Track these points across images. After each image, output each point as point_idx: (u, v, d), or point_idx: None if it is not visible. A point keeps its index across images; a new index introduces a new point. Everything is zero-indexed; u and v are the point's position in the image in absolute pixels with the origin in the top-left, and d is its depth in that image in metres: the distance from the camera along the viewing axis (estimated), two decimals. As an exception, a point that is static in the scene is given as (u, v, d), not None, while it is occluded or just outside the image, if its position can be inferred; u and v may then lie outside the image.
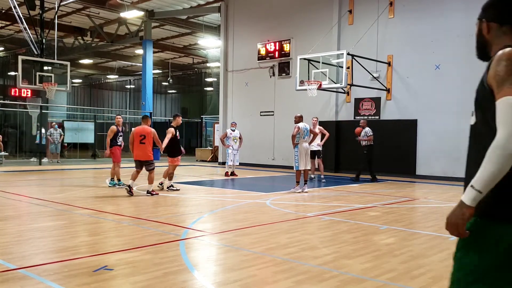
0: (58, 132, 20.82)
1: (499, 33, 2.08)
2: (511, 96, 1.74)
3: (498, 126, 1.74)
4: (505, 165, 1.71)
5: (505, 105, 1.74)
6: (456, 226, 1.84)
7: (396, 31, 15.58)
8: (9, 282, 3.84)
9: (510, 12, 2.04)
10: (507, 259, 1.78)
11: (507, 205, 1.78)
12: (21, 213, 7.55)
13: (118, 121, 11.41)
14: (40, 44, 19.44)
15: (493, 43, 2.12)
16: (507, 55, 1.86)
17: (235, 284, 3.89)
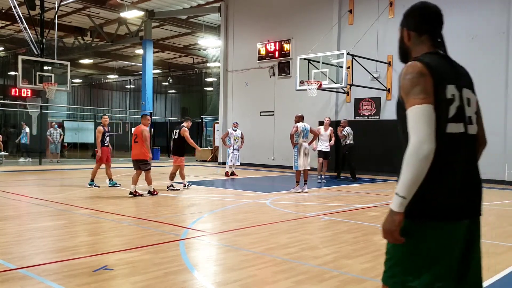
0: (58, 132, 20.82)
1: (418, 42, 2.19)
2: (417, 105, 1.88)
3: (409, 134, 1.91)
4: (420, 169, 1.86)
5: (413, 114, 1.89)
6: (390, 232, 1.92)
7: (396, 31, 15.45)
8: (9, 282, 3.84)
9: (427, 23, 2.18)
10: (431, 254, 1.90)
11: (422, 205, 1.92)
12: (21, 213, 7.55)
13: (104, 121, 11.30)
14: (40, 44, 19.45)
15: (412, 50, 2.21)
16: (410, 68, 1.99)
17: (235, 284, 3.89)
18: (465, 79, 2.19)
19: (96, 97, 43.80)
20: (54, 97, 18.03)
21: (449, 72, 2.06)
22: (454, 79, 2.06)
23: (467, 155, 2.01)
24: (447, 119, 1.95)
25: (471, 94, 2.17)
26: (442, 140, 1.91)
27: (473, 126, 2.09)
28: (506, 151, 13.24)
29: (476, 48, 13.85)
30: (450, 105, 1.97)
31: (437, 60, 2.07)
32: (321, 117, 17.43)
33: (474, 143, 2.08)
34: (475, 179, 2.04)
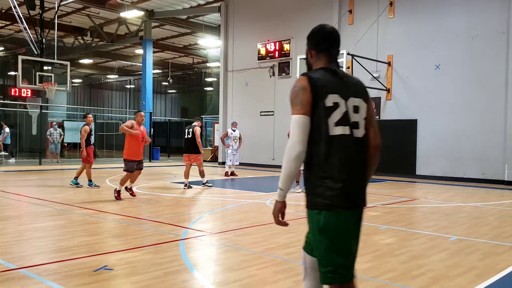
0: (58, 132, 20.81)
1: (317, 59, 2.61)
2: (294, 115, 2.31)
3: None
4: (291, 167, 2.31)
5: (292, 121, 2.32)
6: (274, 217, 2.50)
7: (396, 31, 15.58)
8: (9, 282, 3.84)
9: (323, 43, 2.60)
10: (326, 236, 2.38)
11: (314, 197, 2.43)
12: (21, 213, 7.55)
13: (89, 120, 11.05)
14: (40, 44, 19.44)
15: (313, 65, 2.62)
16: (297, 82, 2.40)
17: (235, 284, 3.89)
18: (353, 89, 2.46)
19: (96, 97, 43.79)
20: (54, 97, 18.01)
21: (333, 84, 2.40)
22: (338, 90, 2.39)
23: (352, 154, 2.35)
24: (331, 123, 2.31)
25: (360, 102, 2.46)
26: (326, 141, 2.30)
27: (360, 130, 2.42)
28: (506, 151, 13.24)
29: (476, 48, 13.85)
30: (333, 112, 2.32)
31: (323, 75, 2.43)
32: (321, 117, 17.46)
33: (361, 145, 2.42)
34: (360, 174, 2.40)
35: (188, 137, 11.29)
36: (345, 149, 2.33)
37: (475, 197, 10.40)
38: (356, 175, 2.37)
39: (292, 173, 2.34)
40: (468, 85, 13.93)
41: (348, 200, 2.33)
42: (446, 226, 6.76)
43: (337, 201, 2.32)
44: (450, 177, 14.17)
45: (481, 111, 13.72)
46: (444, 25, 14.51)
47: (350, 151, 2.35)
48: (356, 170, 2.38)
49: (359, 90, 2.51)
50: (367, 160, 2.47)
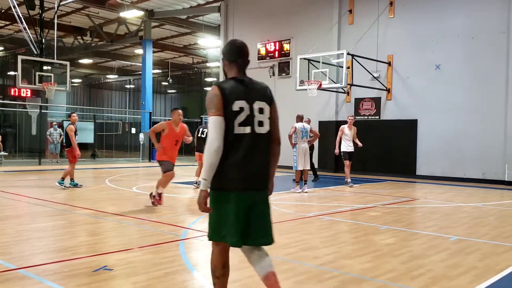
0: (57, 132, 20.81)
1: (230, 68, 3.06)
2: (211, 116, 2.86)
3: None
4: (212, 159, 2.81)
5: (209, 122, 2.87)
6: (199, 204, 2.94)
7: (396, 31, 15.58)
8: (9, 282, 3.84)
9: (232, 55, 3.04)
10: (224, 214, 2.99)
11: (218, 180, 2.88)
12: (21, 213, 7.55)
13: (74, 119, 10.81)
14: (40, 44, 19.43)
15: (228, 74, 3.07)
16: (211, 90, 2.94)
17: (235, 284, 3.89)
18: (258, 94, 3.04)
19: (96, 97, 43.77)
20: (53, 97, 18.01)
21: (240, 91, 2.93)
22: (244, 96, 2.93)
23: (253, 147, 2.92)
24: (236, 124, 2.87)
25: (264, 105, 3.09)
26: (232, 138, 2.87)
27: (264, 127, 3.04)
28: (506, 151, 13.24)
29: (476, 48, 13.85)
30: (238, 115, 2.88)
31: (231, 84, 2.95)
32: (321, 117, 17.46)
33: (264, 139, 3.03)
34: (259, 162, 2.96)
35: (202, 137, 11.15)
36: (244, 145, 2.89)
37: (475, 197, 10.40)
38: (253, 164, 2.92)
39: (213, 164, 2.84)
40: (468, 85, 13.92)
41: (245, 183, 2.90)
42: (446, 226, 6.76)
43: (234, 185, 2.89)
44: (450, 177, 14.17)
45: (481, 111, 13.71)
46: (444, 25, 14.50)
47: (249, 146, 2.91)
48: (254, 160, 2.93)
49: (263, 95, 3.13)
50: (269, 150, 3.09)
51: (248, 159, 2.90)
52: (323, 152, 17.34)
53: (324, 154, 17.33)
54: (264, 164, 3.03)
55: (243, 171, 2.89)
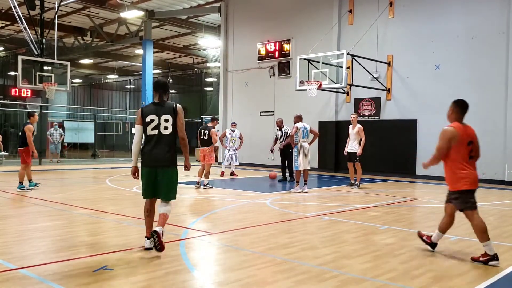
0: (58, 132, 20.82)
1: (154, 95, 5.08)
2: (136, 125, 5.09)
3: None
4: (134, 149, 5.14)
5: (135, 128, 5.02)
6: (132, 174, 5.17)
7: (396, 31, 15.58)
8: (9, 282, 3.84)
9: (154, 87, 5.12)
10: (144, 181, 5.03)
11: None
12: (21, 213, 7.55)
13: (34, 118, 10.56)
14: (40, 44, 19.43)
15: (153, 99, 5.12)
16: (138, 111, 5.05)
17: (235, 284, 3.89)
18: (165, 110, 4.98)
19: (96, 97, 43.78)
20: (54, 97, 18.01)
21: (152, 110, 4.97)
22: (155, 112, 4.96)
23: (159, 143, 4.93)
24: (149, 129, 4.93)
25: (168, 116, 4.96)
26: (146, 138, 4.98)
27: (168, 130, 4.95)
28: (506, 151, 13.24)
29: (476, 48, 13.85)
30: (150, 123, 4.93)
31: (149, 106, 5.05)
32: (321, 117, 17.47)
33: (165, 138, 4.96)
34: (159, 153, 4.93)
35: (204, 138, 11.38)
36: (152, 141, 4.97)
37: (475, 197, 10.39)
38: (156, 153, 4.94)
39: (136, 153, 5.13)
40: (468, 85, 13.92)
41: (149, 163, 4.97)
42: (446, 226, 6.76)
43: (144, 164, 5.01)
44: (450, 177, 14.14)
45: (481, 111, 13.70)
46: (444, 25, 14.50)
47: (155, 142, 4.95)
48: (158, 150, 4.94)
49: (169, 110, 4.98)
50: (169, 143, 4.98)
51: (153, 150, 4.94)
52: (323, 152, 17.34)
53: (324, 154, 17.33)
54: (163, 154, 4.94)
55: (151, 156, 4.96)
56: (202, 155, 11.33)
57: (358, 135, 11.58)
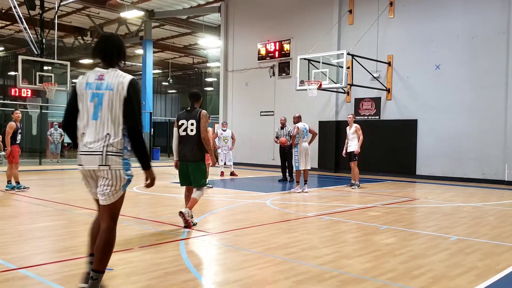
0: (58, 132, 20.82)
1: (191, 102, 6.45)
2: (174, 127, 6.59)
3: None
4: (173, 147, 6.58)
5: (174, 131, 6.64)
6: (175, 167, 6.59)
7: (396, 31, 15.58)
8: (9, 282, 3.84)
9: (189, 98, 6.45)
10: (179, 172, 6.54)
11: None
12: (21, 213, 7.55)
13: (17, 116, 10.11)
14: (40, 44, 19.45)
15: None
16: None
17: (235, 284, 3.89)
18: (191, 115, 6.21)
19: (96, 97, 43.67)
20: (54, 97, 18.03)
21: (183, 115, 6.32)
22: (184, 117, 6.27)
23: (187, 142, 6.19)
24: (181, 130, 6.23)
25: (194, 121, 6.15)
26: (180, 137, 6.28)
27: (194, 132, 6.16)
28: (506, 151, 13.24)
29: (476, 48, 13.85)
30: (181, 126, 6.24)
31: (183, 111, 6.43)
32: (321, 117, 17.47)
33: (193, 137, 6.18)
34: (189, 149, 6.17)
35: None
36: (184, 140, 6.19)
37: (475, 197, 10.40)
38: (187, 150, 6.15)
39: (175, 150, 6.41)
40: (468, 85, 13.92)
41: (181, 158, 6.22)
42: (446, 226, 6.76)
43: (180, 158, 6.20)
44: (450, 177, 14.17)
45: (481, 111, 13.71)
46: (444, 25, 14.50)
47: (185, 141, 6.18)
48: (187, 148, 6.16)
49: (194, 115, 6.17)
50: (195, 142, 6.16)
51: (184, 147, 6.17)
52: (323, 152, 17.34)
53: (324, 154, 17.33)
54: (192, 151, 6.17)
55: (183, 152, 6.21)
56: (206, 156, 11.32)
57: (356, 134, 11.66)
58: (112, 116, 3.25)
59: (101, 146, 3.25)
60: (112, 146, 3.26)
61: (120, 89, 3.26)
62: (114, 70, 3.36)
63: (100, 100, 3.26)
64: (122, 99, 3.26)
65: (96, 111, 3.27)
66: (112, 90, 3.27)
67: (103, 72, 3.33)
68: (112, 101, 3.26)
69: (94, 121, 3.26)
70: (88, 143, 3.27)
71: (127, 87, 3.26)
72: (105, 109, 3.25)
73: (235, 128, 18.97)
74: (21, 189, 10.11)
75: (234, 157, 16.67)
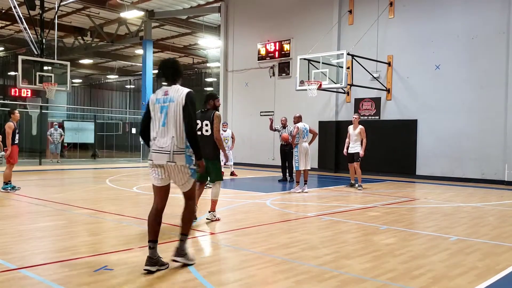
0: (58, 132, 20.83)
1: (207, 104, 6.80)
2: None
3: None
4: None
5: None
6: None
7: (396, 31, 15.58)
8: (9, 282, 3.84)
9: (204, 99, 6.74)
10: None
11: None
12: (21, 213, 7.55)
13: (16, 116, 10.11)
14: (40, 44, 19.45)
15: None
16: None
17: (235, 284, 3.89)
18: (206, 116, 6.48)
19: (96, 97, 43.77)
20: (54, 97, 18.02)
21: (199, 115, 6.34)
22: (200, 118, 6.44)
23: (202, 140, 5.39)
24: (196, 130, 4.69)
25: (208, 121, 6.45)
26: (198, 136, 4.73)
27: (208, 132, 6.47)
28: (506, 151, 13.24)
29: (476, 48, 13.85)
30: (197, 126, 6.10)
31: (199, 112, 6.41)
32: (321, 117, 17.47)
33: (208, 137, 6.45)
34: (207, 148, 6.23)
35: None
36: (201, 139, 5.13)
37: (475, 197, 10.40)
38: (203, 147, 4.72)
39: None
40: (468, 85, 13.93)
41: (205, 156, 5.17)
42: (446, 226, 6.77)
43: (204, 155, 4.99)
44: (450, 177, 14.17)
45: (481, 111, 13.72)
46: (444, 25, 14.50)
47: (202, 140, 5.46)
48: (203, 146, 5.22)
49: (209, 116, 6.41)
50: (210, 142, 6.42)
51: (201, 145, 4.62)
52: (323, 152, 17.35)
53: (324, 154, 17.33)
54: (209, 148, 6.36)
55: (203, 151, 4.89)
56: None
57: (360, 136, 11.45)
58: (176, 122, 4.19)
59: (169, 146, 4.17)
60: (176, 146, 4.18)
61: (179, 100, 4.24)
62: (176, 86, 4.41)
63: (166, 111, 4.22)
64: (181, 108, 4.21)
65: (164, 119, 4.21)
66: (174, 101, 4.23)
67: (167, 89, 4.40)
68: (174, 110, 4.21)
69: (162, 128, 4.22)
70: (159, 144, 4.21)
71: (184, 98, 4.27)
72: (170, 118, 4.20)
73: (235, 128, 18.96)
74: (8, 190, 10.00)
75: (234, 157, 16.68)
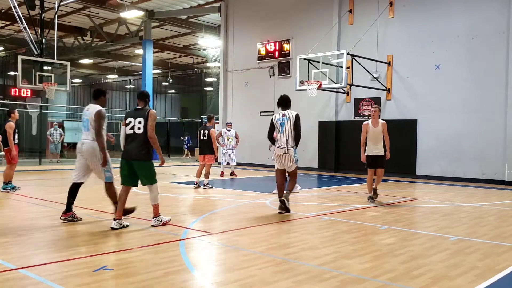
0: (58, 132, 20.83)
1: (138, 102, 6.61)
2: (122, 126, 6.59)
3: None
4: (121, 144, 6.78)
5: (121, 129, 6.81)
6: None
7: (396, 31, 15.58)
8: (9, 282, 3.84)
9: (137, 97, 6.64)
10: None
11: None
12: (21, 213, 7.55)
13: (15, 116, 10.09)
14: (40, 44, 19.43)
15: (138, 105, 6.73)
16: None
17: (235, 284, 3.89)
18: (139, 114, 6.30)
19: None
20: (54, 97, 18.01)
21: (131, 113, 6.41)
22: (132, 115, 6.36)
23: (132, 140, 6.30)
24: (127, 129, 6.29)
25: (141, 119, 6.24)
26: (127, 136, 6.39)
27: (141, 130, 6.23)
28: (506, 151, 13.24)
29: (476, 48, 13.85)
30: (128, 124, 6.32)
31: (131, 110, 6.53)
32: (321, 117, 17.46)
33: (140, 136, 6.25)
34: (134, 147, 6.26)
35: (204, 139, 11.30)
36: (129, 138, 6.23)
37: (475, 197, 10.40)
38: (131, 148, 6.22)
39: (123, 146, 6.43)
40: (468, 85, 13.93)
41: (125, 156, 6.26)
42: (446, 226, 6.77)
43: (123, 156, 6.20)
44: (450, 177, 14.17)
45: (481, 111, 13.72)
46: (444, 25, 14.50)
47: (132, 138, 6.24)
48: (132, 146, 6.23)
49: (142, 114, 6.26)
50: (141, 140, 6.24)
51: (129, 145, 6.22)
52: (323, 152, 17.35)
53: (324, 154, 17.33)
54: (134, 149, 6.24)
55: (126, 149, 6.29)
56: (202, 155, 11.32)
57: (382, 133, 8.91)
58: (289, 131, 7.45)
59: (285, 144, 7.43)
60: (289, 144, 7.43)
61: (291, 119, 7.46)
62: (289, 110, 7.62)
63: (283, 125, 7.48)
64: (293, 123, 7.45)
65: (282, 129, 7.48)
66: (288, 120, 7.46)
67: (284, 112, 7.58)
68: (288, 125, 7.45)
69: (281, 134, 7.49)
70: (279, 143, 7.52)
71: (294, 118, 7.48)
72: (286, 129, 7.45)
73: (235, 128, 18.91)
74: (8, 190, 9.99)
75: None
